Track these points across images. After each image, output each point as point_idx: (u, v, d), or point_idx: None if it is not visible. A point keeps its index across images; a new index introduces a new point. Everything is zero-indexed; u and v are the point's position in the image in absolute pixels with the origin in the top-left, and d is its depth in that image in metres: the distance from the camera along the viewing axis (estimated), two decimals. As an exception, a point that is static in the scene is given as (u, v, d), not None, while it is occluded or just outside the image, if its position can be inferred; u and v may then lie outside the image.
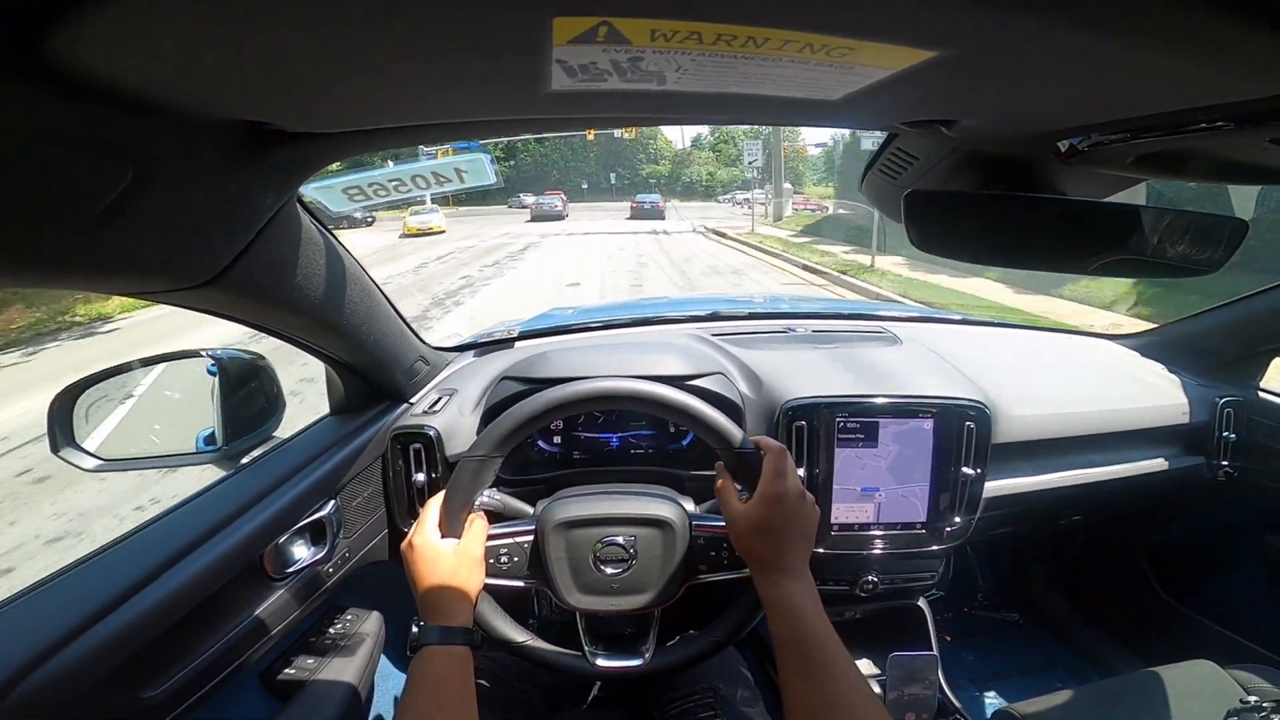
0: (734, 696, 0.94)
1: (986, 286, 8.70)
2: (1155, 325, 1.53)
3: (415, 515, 0.97)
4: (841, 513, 1.07)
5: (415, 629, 0.70)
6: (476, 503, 0.79)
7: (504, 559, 0.79)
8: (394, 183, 0.71)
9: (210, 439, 0.88)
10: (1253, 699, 0.90)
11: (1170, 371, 1.37)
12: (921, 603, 1.26)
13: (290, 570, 0.83)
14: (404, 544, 0.75)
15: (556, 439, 1.13)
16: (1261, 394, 1.33)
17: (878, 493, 1.07)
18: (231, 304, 0.64)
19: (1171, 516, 1.53)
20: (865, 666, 1.20)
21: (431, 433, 0.99)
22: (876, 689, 1.05)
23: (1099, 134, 0.47)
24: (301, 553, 0.85)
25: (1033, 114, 0.44)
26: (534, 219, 26.10)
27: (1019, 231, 0.65)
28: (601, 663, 0.81)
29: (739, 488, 0.75)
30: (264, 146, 0.47)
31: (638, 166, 56.91)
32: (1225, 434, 1.29)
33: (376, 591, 1.07)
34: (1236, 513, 1.41)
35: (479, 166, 0.70)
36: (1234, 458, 1.30)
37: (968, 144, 0.62)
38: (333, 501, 0.89)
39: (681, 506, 0.82)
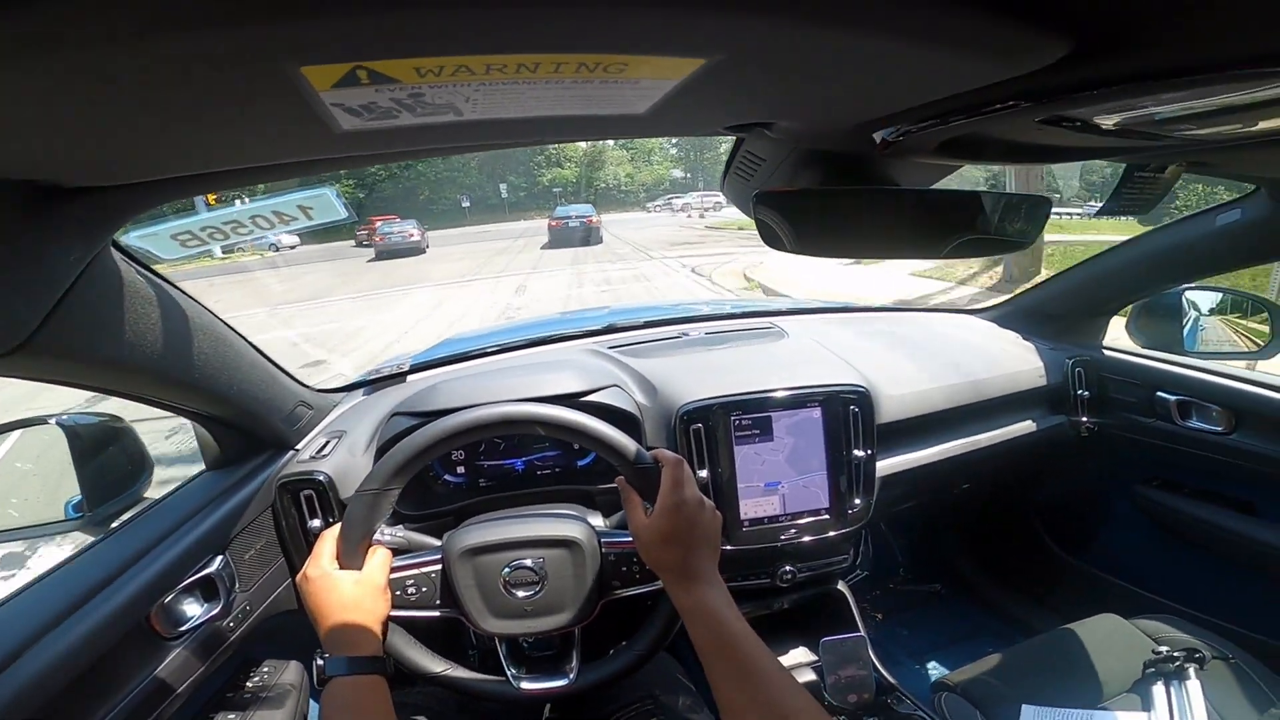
0: (675, 703, 0.94)
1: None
2: (1009, 296, 1.67)
3: None
4: (749, 508, 1.10)
5: (320, 661, 0.66)
6: (376, 537, 0.78)
7: (410, 589, 0.78)
8: (230, 225, 0.67)
9: (79, 505, 0.84)
10: (1163, 649, 0.98)
11: (1025, 339, 1.49)
12: (842, 586, 1.30)
13: (184, 629, 0.79)
14: (299, 577, 0.74)
15: (460, 469, 1.10)
16: (1106, 352, 1.47)
17: (780, 485, 1.10)
18: (51, 369, 0.59)
19: (1050, 476, 1.66)
20: (800, 654, 1.23)
21: (322, 478, 0.96)
22: (813, 675, 1.07)
23: (902, 124, 0.52)
24: (194, 610, 0.81)
25: (832, 109, 0.47)
26: (379, 257, 17.65)
27: (863, 223, 0.70)
28: (526, 685, 0.80)
29: (645, 504, 0.75)
30: (54, 202, 0.44)
31: (535, 173, 45.05)
32: (1079, 391, 1.42)
33: (293, 641, 1.03)
34: (1105, 466, 1.53)
35: (325, 202, 0.67)
36: (1090, 413, 1.43)
37: (804, 143, 0.66)
38: (221, 556, 0.85)
39: (589, 525, 0.82)
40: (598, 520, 0.92)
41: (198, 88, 0.28)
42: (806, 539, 1.12)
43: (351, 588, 0.72)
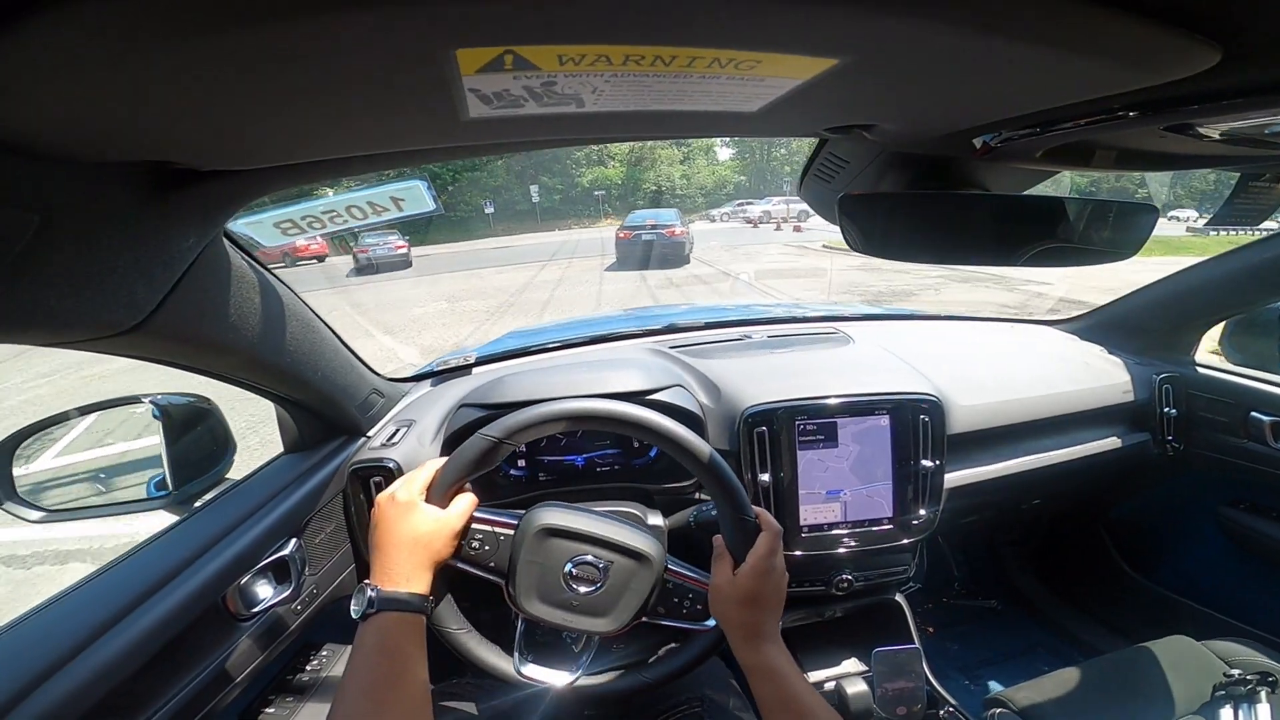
0: (725, 704, 0.94)
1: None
2: (1091, 309, 1.60)
3: None
4: (809, 514, 1.08)
5: (370, 592, 0.66)
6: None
7: (475, 544, 0.77)
8: (329, 214, 0.69)
9: (161, 484, 0.87)
10: (1236, 672, 0.94)
11: (1110, 353, 1.42)
12: (899, 597, 1.27)
13: (256, 610, 0.81)
14: (382, 496, 0.73)
15: (521, 462, 1.12)
16: (1197, 369, 1.39)
17: (842, 493, 1.08)
18: (161, 349, 0.62)
19: (1127, 494, 1.59)
20: (852, 664, 1.21)
21: (391, 465, 0.98)
22: (864, 686, 1.05)
23: (1008, 130, 0.50)
24: (266, 592, 0.83)
25: (942, 113, 0.46)
26: (359, 272, 14.70)
27: (949, 228, 0.68)
28: (527, 671, 0.80)
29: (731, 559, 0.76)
30: (177, 187, 0.46)
31: (573, 173, 37.68)
32: (1166, 410, 1.34)
33: (351, 626, 1.05)
34: (1188, 486, 1.46)
35: (416, 194, 0.69)
36: (1177, 432, 1.35)
37: (892, 146, 0.64)
38: (295, 540, 0.87)
39: (663, 546, 0.81)
40: (657, 519, 0.93)
41: (344, 69, 0.28)
42: (866, 548, 1.10)
43: (430, 523, 0.71)
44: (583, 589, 0.77)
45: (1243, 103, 0.37)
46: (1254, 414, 1.26)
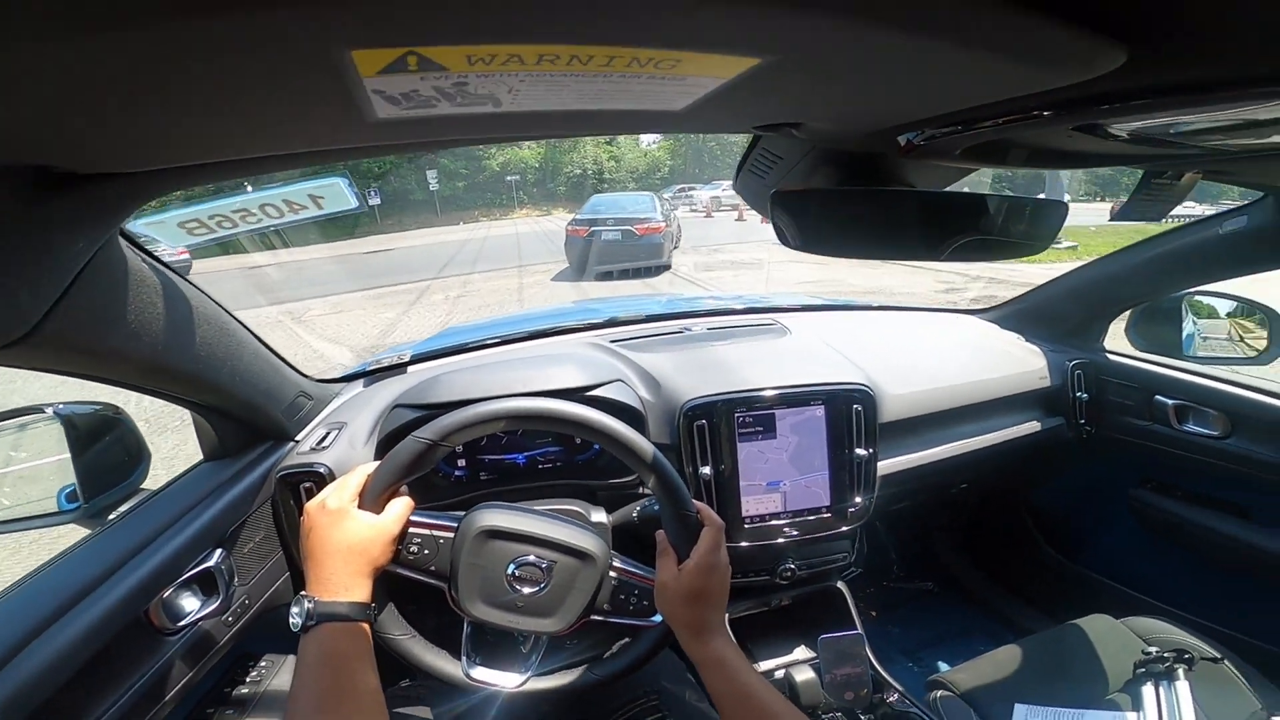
0: (682, 695, 0.95)
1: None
2: (1009, 299, 1.68)
3: None
4: (751, 505, 1.10)
5: (308, 604, 0.64)
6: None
7: (414, 548, 0.75)
8: (240, 213, 0.65)
9: (73, 495, 0.82)
10: (1153, 650, 1.00)
11: (1027, 341, 1.50)
12: (840, 584, 1.31)
13: (183, 624, 0.78)
14: (312, 504, 0.71)
15: (461, 461, 1.10)
16: (1107, 355, 1.48)
17: (782, 484, 1.10)
18: (55, 360, 0.58)
19: (1046, 477, 1.68)
20: (800, 652, 1.24)
21: (323, 469, 0.94)
22: (811, 673, 1.08)
23: (930, 128, 0.51)
24: (192, 605, 0.80)
25: (866, 112, 0.46)
26: None
27: (876, 224, 0.69)
28: (476, 674, 0.80)
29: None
30: (61, 189, 0.42)
31: (480, 155, 30.57)
32: (1079, 394, 1.43)
33: (289, 635, 1.02)
34: (1101, 468, 1.55)
35: (336, 191, 0.66)
36: (1089, 416, 1.44)
37: (822, 143, 0.65)
38: (220, 550, 0.84)
39: (607, 544, 0.81)
40: (600, 515, 0.93)
41: (238, 71, 0.27)
42: (807, 536, 1.13)
43: (364, 530, 0.69)
44: (526, 590, 0.76)
45: (1148, 104, 0.38)
46: (1158, 397, 1.35)
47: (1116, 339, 1.51)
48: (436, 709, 0.90)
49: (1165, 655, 0.98)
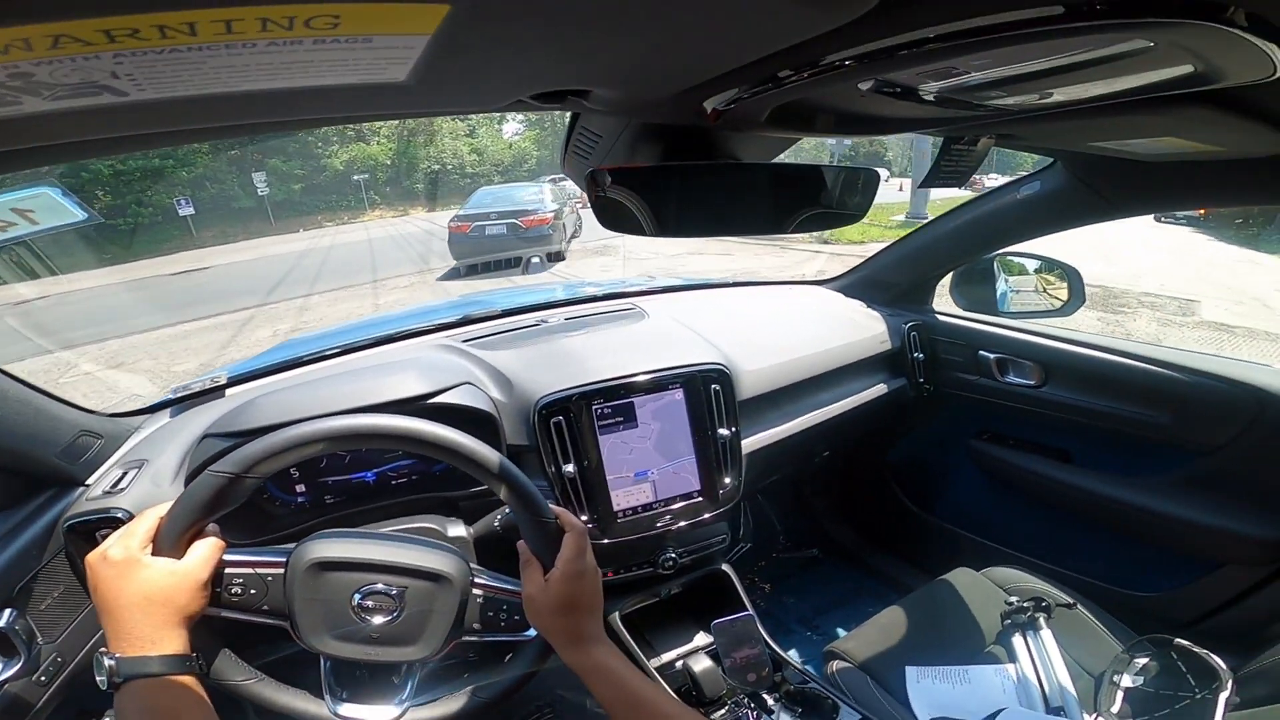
0: (581, 703, 0.94)
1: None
2: (853, 266, 1.77)
3: None
4: (621, 499, 1.07)
5: (109, 661, 0.58)
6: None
7: (236, 589, 0.68)
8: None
9: None
10: (1013, 600, 1.07)
11: (869, 307, 1.59)
12: (725, 566, 1.31)
13: None
14: (92, 556, 0.63)
15: (300, 487, 0.98)
16: (936, 316, 1.60)
17: (650, 473, 1.08)
18: None
19: (898, 436, 1.79)
20: (699, 639, 1.22)
21: (120, 514, 0.83)
22: (710, 661, 1.06)
23: (727, 88, 0.48)
24: None
25: (645, 72, 0.43)
26: None
27: (708, 199, 0.67)
28: (344, 711, 0.73)
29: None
30: None
31: (319, 153, 25.47)
32: (916, 355, 1.53)
33: None
34: (944, 423, 1.67)
35: (48, 202, 0.54)
36: (927, 375, 1.55)
37: (630, 114, 0.61)
38: (9, 610, 0.78)
39: (463, 560, 0.76)
40: (459, 529, 0.87)
41: None
42: (682, 523, 1.11)
43: (164, 578, 0.62)
44: (377, 619, 0.70)
45: (908, 50, 0.37)
46: (981, 352, 1.48)
47: (945, 301, 1.63)
48: None
49: (1025, 605, 1.06)
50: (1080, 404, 1.34)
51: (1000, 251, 1.46)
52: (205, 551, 0.66)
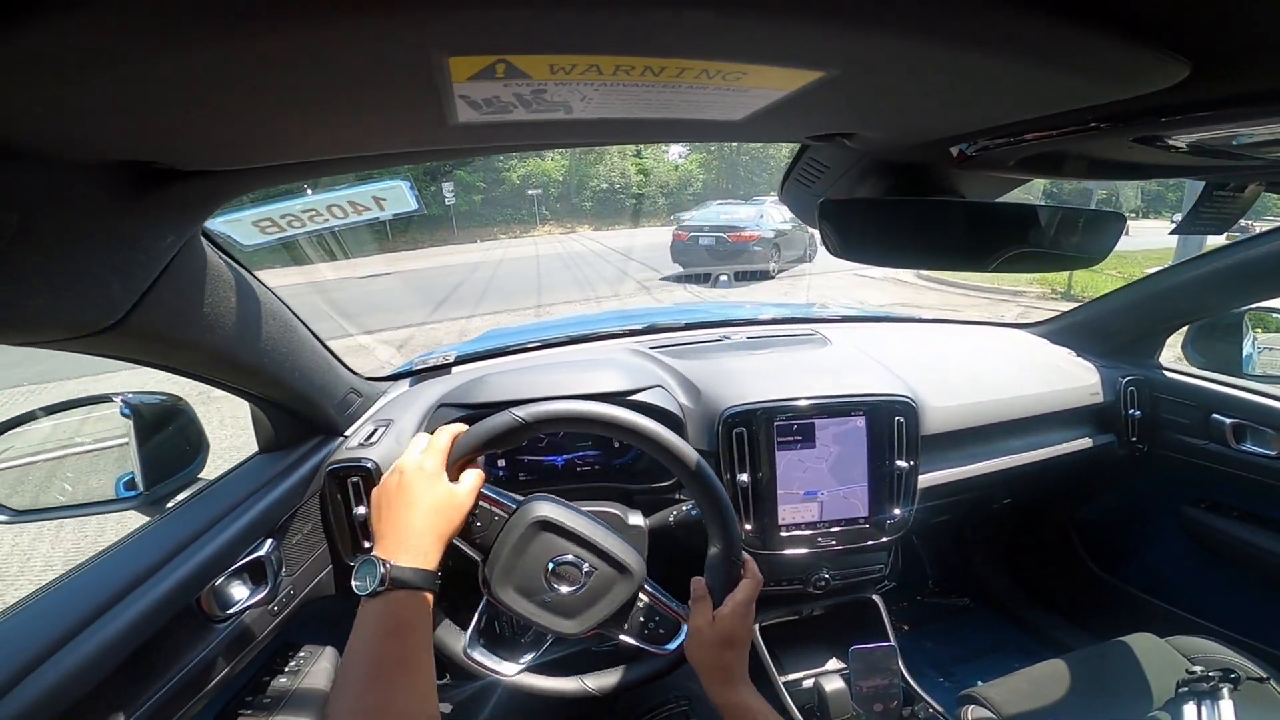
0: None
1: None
2: (1061, 312, 1.63)
3: (359, 549, 0.97)
4: (787, 514, 1.09)
5: (382, 568, 0.62)
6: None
7: (476, 525, 0.76)
8: (309, 213, 0.68)
9: (131, 484, 0.85)
10: (1198, 669, 0.96)
11: (1078, 356, 1.46)
12: (875, 596, 1.29)
13: (232, 612, 0.79)
14: (409, 462, 0.70)
15: (501, 462, 1.12)
16: (1161, 372, 1.43)
17: (820, 494, 1.10)
18: (136, 349, 0.61)
19: (1094, 494, 1.63)
20: (831, 663, 1.22)
21: (370, 465, 0.97)
22: (841, 683, 1.07)
23: (984, 139, 0.51)
24: (242, 593, 0.82)
25: (921, 123, 0.47)
26: None
27: (924, 234, 0.69)
28: (475, 654, 0.81)
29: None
30: (157, 186, 0.45)
31: (500, 167, 25.76)
32: (1131, 411, 1.38)
33: (328, 626, 1.04)
34: (1152, 486, 1.50)
35: (398, 193, 0.69)
36: (1142, 434, 1.39)
37: (872, 153, 0.65)
38: (270, 540, 0.86)
39: (644, 567, 0.81)
40: (637, 519, 0.93)
41: (335, 73, 0.28)
42: (843, 547, 1.12)
43: (449, 496, 0.69)
44: (563, 588, 0.77)
45: (1210, 116, 0.38)
46: (1215, 416, 1.31)
47: (1173, 357, 1.46)
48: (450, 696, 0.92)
49: (1210, 674, 0.94)
50: None
51: (1250, 306, 1.28)
52: (475, 481, 0.73)
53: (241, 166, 0.47)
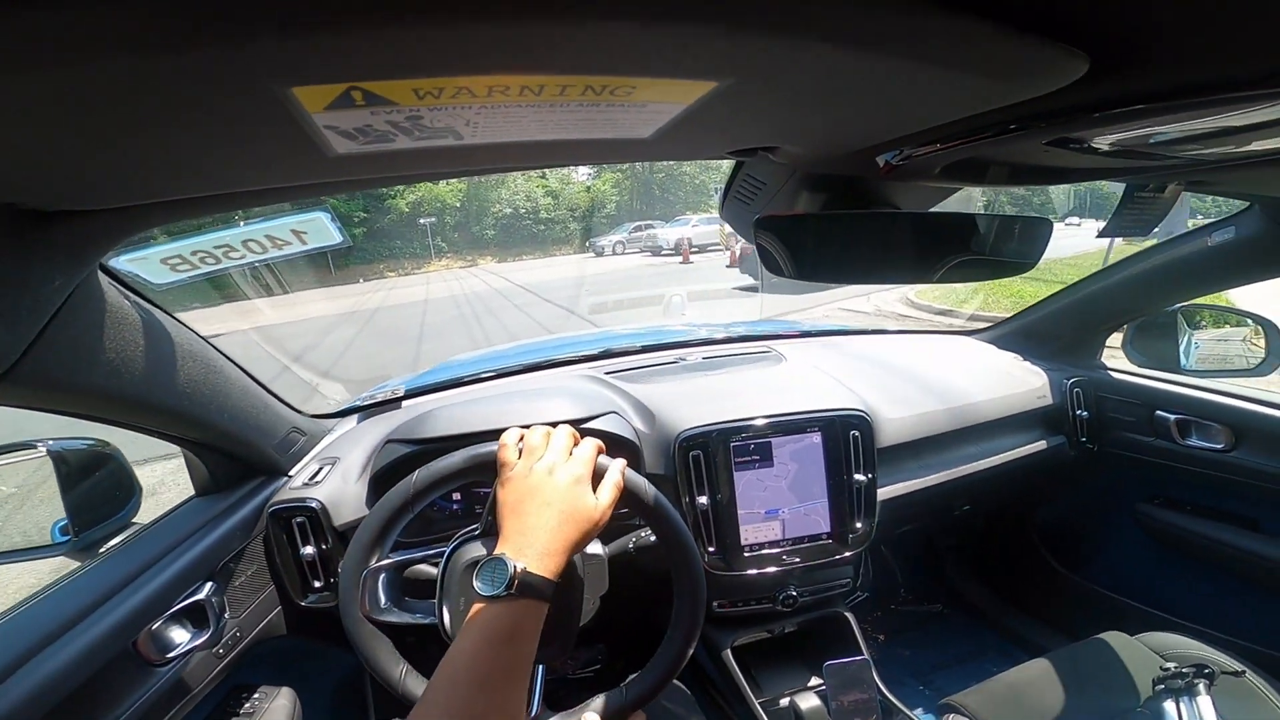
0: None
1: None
2: (1006, 317, 1.67)
3: (310, 589, 0.96)
4: (750, 534, 1.08)
5: (517, 567, 0.58)
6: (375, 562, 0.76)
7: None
8: (222, 249, 0.65)
9: (66, 529, 0.82)
10: (1172, 666, 0.97)
11: (1025, 360, 1.49)
12: (844, 609, 1.28)
13: (173, 655, 0.78)
14: (545, 465, 0.67)
15: (456, 494, 1.08)
16: (1106, 372, 1.47)
17: (781, 512, 1.09)
18: (32, 398, 0.57)
19: (1051, 495, 1.66)
20: (806, 678, 1.21)
21: (315, 504, 0.95)
22: (818, 701, 1.05)
23: (907, 147, 0.51)
24: (182, 637, 0.80)
25: (838, 134, 0.46)
26: None
27: (863, 247, 0.69)
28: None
29: None
30: (34, 228, 0.43)
31: (386, 194, 22.15)
32: (1079, 412, 1.42)
33: (283, 667, 1.04)
34: (1106, 485, 1.53)
35: (319, 226, 0.66)
36: (1090, 434, 1.43)
37: (803, 167, 0.65)
38: (210, 584, 0.84)
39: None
40: (596, 547, 0.89)
41: (182, 109, 0.27)
42: (807, 563, 1.11)
43: (588, 509, 0.65)
44: None
45: (1116, 114, 0.38)
46: (1159, 413, 1.34)
47: (1117, 357, 1.50)
48: None
49: (1185, 671, 0.95)
50: (1275, 470, 1.19)
51: (1185, 304, 1.33)
52: (613, 496, 0.69)
53: (118, 205, 0.44)
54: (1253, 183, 0.86)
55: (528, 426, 0.74)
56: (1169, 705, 0.94)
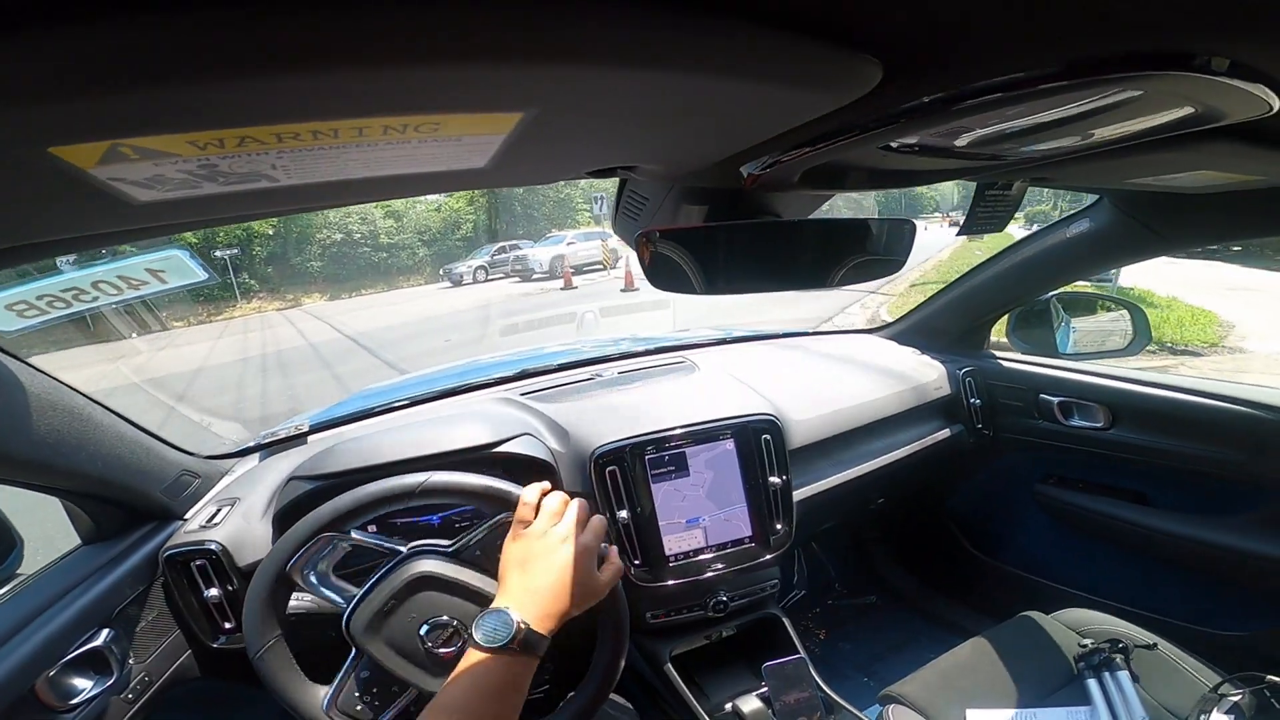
0: None
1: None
2: (904, 314, 1.77)
3: (220, 630, 0.94)
4: (673, 544, 1.09)
5: (520, 623, 0.61)
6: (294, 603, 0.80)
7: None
8: (71, 292, 0.61)
9: None
10: (1089, 642, 1.03)
11: (922, 354, 1.58)
12: (776, 610, 1.30)
13: (77, 702, 0.78)
14: (561, 531, 0.69)
15: (371, 527, 1.03)
16: (995, 360, 1.57)
17: (702, 519, 1.10)
18: None
19: (957, 483, 1.74)
20: (749, 682, 1.21)
21: (214, 547, 0.91)
22: (759, 703, 1.05)
23: (760, 157, 0.53)
24: (84, 683, 0.80)
25: (679, 150, 0.48)
26: None
27: (746, 257, 0.71)
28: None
29: None
30: None
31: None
32: (972, 400, 1.51)
33: (200, 709, 1.02)
34: (1005, 469, 1.62)
35: (177, 263, 0.63)
36: (984, 420, 1.52)
37: (678, 181, 0.67)
38: (107, 630, 0.83)
39: None
40: None
41: None
42: (733, 568, 1.12)
43: (591, 581, 0.68)
44: (439, 649, 0.77)
45: (916, 119, 0.41)
46: (1043, 396, 1.44)
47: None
48: None
49: (1101, 646, 1.01)
50: (1151, 444, 1.29)
51: (1057, 292, 1.44)
52: (614, 574, 0.72)
53: None
54: (1096, 175, 0.94)
55: (550, 491, 0.76)
56: (1092, 682, 0.99)
